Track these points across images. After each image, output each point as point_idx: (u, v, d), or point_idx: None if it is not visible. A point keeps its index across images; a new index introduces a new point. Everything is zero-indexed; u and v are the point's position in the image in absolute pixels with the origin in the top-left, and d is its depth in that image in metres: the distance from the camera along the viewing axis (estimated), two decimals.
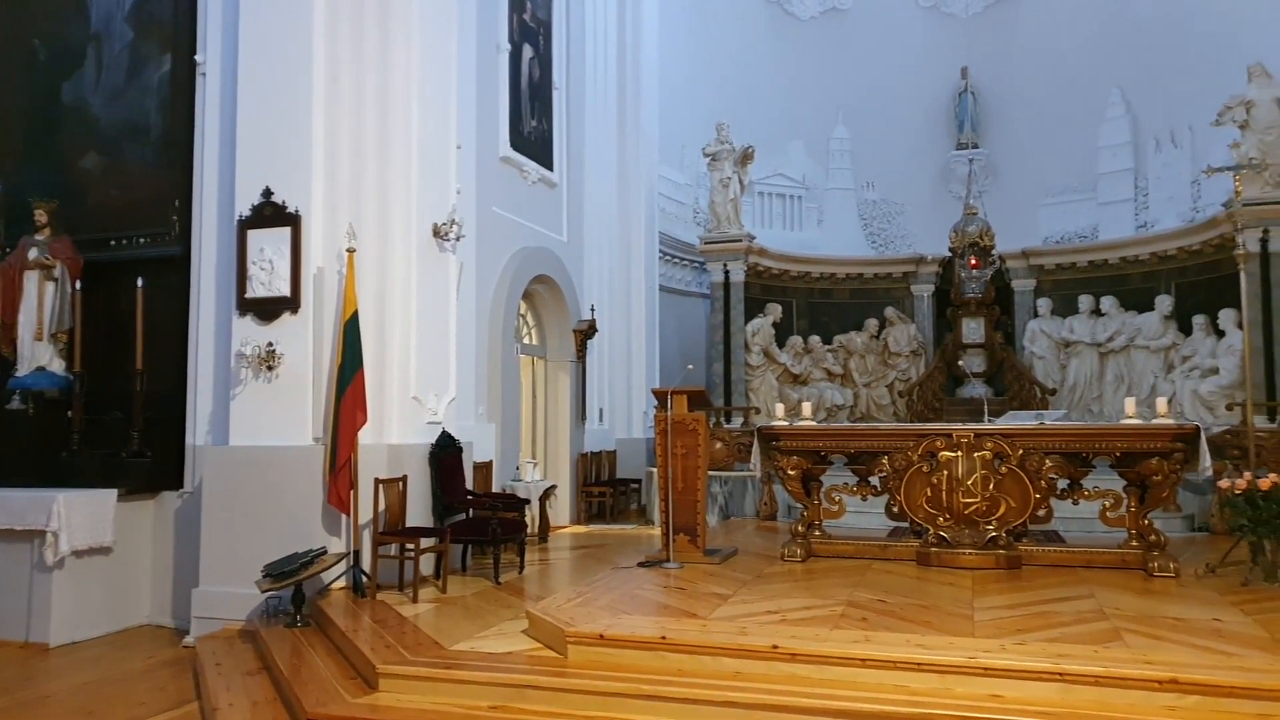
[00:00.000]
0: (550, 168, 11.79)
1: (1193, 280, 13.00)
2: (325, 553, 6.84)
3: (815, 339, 15.03)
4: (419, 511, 7.63)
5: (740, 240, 14.16)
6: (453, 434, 8.02)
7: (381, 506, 7.15)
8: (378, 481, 7.12)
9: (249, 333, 7.41)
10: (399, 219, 7.59)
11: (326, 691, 5.05)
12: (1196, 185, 13.83)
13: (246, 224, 7.50)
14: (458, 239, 8.01)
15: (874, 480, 7.76)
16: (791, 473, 7.84)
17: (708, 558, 7.45)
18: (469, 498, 8.12)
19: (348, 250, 7.28)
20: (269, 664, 5.90)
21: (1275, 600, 5.79)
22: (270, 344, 7.31)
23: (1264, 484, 6.36)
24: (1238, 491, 6.48)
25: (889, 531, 8.26)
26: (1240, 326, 11.20)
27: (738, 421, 13.26)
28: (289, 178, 7.44)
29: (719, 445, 11.77)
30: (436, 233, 7.85)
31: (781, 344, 14.73)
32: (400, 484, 7.34)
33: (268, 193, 7.46)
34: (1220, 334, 12.18)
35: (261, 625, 6.66)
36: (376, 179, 7.56)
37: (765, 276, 14.81)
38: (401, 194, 7.61)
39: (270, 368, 7.30)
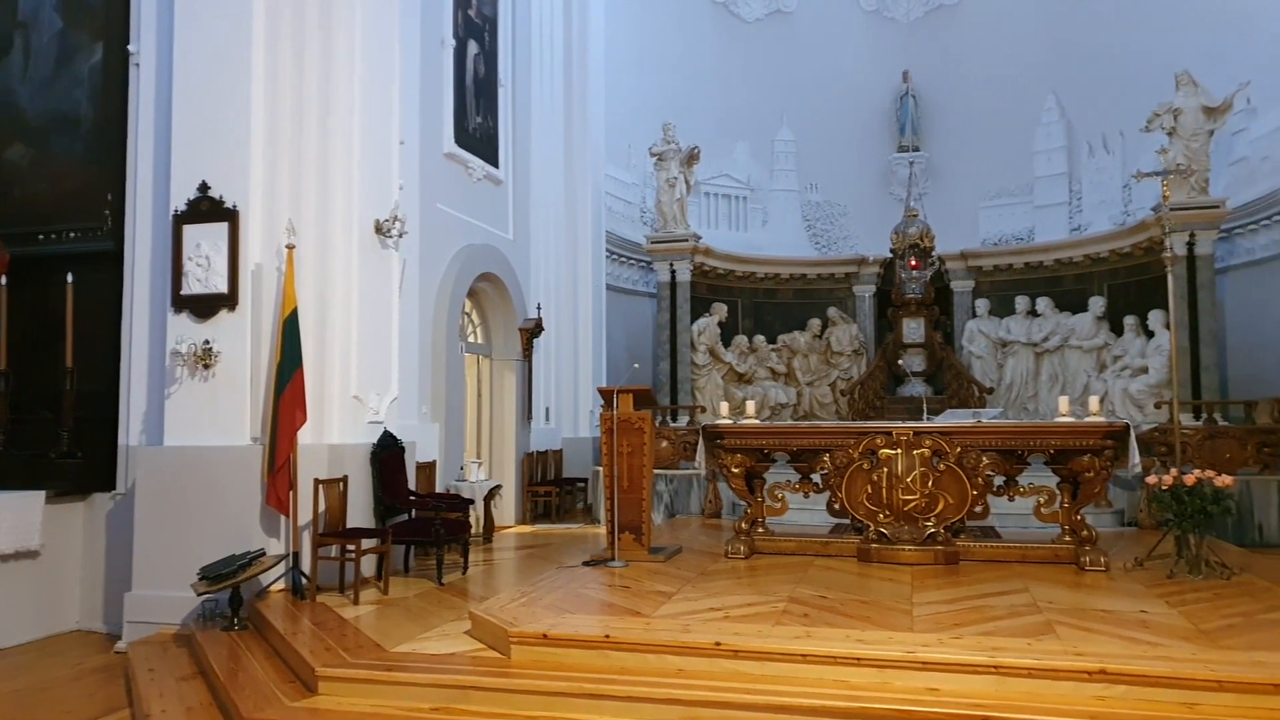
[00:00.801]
0: (496, 165, 11.71)
1: (1124, 282, 13.39)
2: (264, 554, 6.73)
3: (760, 338, 15.20)
4: (360, 512, 7.53)
5: (686, 240, 14.24)
6: (395, 434, 7.93)
7: (322, 507, 7.04)
8: (318, 482, 7.01)
9: (185, 330, 7.24)
10: (340, 215, 7.49)
11: (264, 695, 4.96)
12: (1127, 190, 14.26)
13: (182, 219, 7.34)
14: (400, 236, 7.93)
15: (816, 478, 7.85)
16: (735, 470, 7.90)
17: (652, 556, 7.48)
18: (411, 498, 8.04)
19: (287, 246, 7.15)
20: (204, 668, 5.78)
21: (1199, 592, 5.99)
22: (207, 342, 7.16)
23: (1189, 480, 6.58)
24: (1164, 487, 6.68)
25: (831, 528, 8.38)
26: (1168, 327, 11.57)
27: (684, 420, 13.32)
28: (226, 172, 7.29)
29: (665, 444, 11.81)
30: (379, 229, 7.76)
31: (727, 343, 14.85)
32: (341, 484, 7.24)
33: (204, 187, 7.30)
34: (1150, 334, 12.57)
35: (197, 629, 6.51)
36: (317, 174, 7.45)
37: (711, 276, 14.91)
38: (343, 190, 7.50)
39: (207, 366, 7.15)
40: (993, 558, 7.31)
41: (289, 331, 7.00)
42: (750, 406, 8.96)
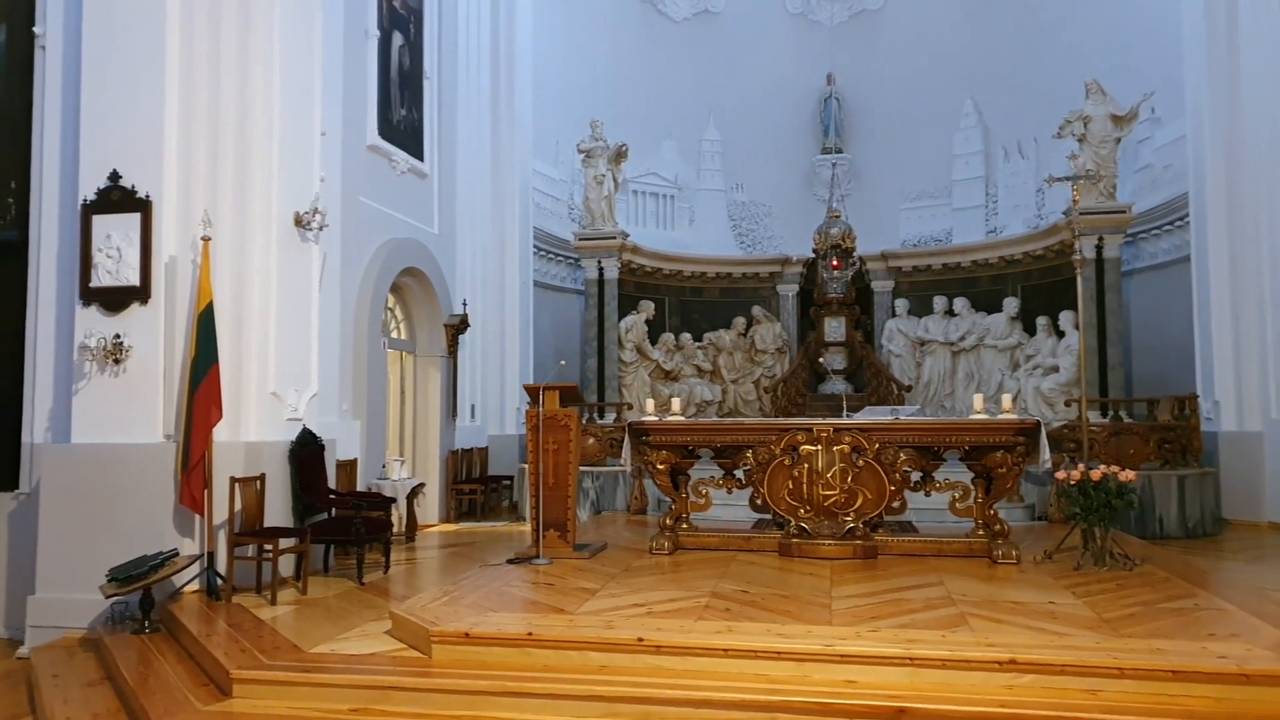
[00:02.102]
0: (421, 158, 11.55)
1: (1036, 283, 13.85)
2: (177, 555, 6.55)
3: (686, 336, 15.32)
4: (278, 511, 7.38)
5: (614, 238, 14.26)
6: (314, 431, 7.79)
7: (238, 506, 6.87)
8: (234, 480, 6.84)
9: (94, 324, 7.01)
10: (258, 207, 7.32)
11: (175, 700, 4.83)
12: (1041, 194, 14.73)
13: (91, 208, 7.10)
14: (321, 228, 7.78)
15: (739, 474, 7.95)
16: (660, 467, 7.95)
17: (577, 553, 7.48)
18: (331, 497, 7.91)
19: (202, 238, 6.97)
20: (112, 674, 5.59)
21: (1103, 583, 6.24)
22: (117, 336, 6.94)
23: (1095, 475, 6.84)
24: (1072, 482, 6.94)
25: (753, 524, 8.48)
26: (1078, 328, 12.00)
27: (610, 417, 13.34)
28: (139, 160, 7.08)
29: (591, 441, 11.82)
30: (298, 222, 7.60)
31: (654, 341, 14.93)
32: (258, 483, 7.08)
33: (115, 176, 7.07)
34: (1061, 334, 13.04)
35: (106, 633, 6.30)
36: (234, 164, 7.28)
37: (639, 274, 14.96)
38: (261, 181, 7.33)
39: (117, 361, 6.93)
40: (910, 552, 7.50)
41: (204, 326, 6.82)
42: (676, 403, 9.02)
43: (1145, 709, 4.08)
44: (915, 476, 7.58)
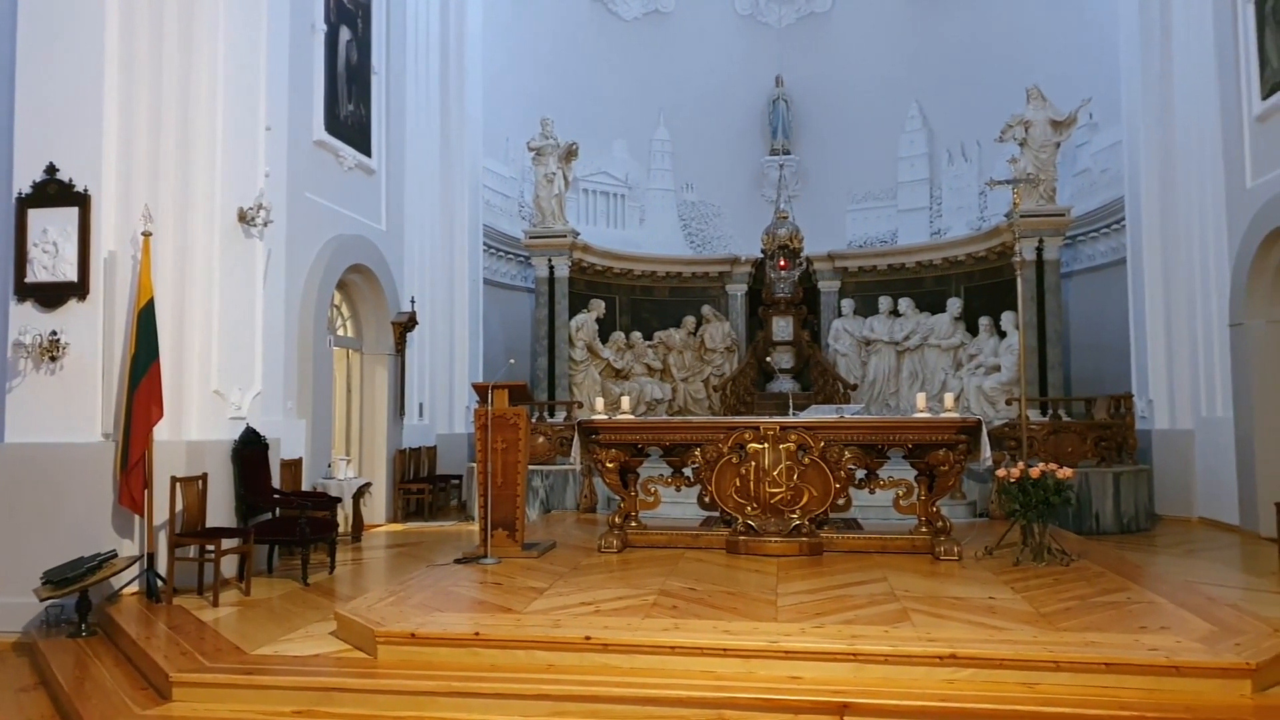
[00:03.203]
0: (368, 154, 11.42)
1: (979, 284, 14.14)
2: (115, 556, 6.42)
3: (637, 335, 15.37)
4: (221, 511, 7.26)
5: (565, 236, 14.24)
6: (258, 430, 7.68)
7: (179, 507, 6.75)
8: (175, 480, 6.72)
9: (29, 320, 6.84)
10: (201, 202, 7.20)
11: (113, 705, 4.73)
12: (983, 196, 15.04)
13: (27, 202, 6.92)
14: (265, 224, 7.67)
15: (687, 471, 8.01)
16: (610, 465, 7.97)
17: (526, 552, 7.47)
18: (276, 496, 7.80)
19: (143, 234, 6.83)
20: (47, 678, 5.46)
21: (1041, 578, 6.40)
22: (54, 333, 6.77)
23: (1034, 472, 7.01)
24: (1012, 479, 7.10)
25: (701, 521, 8.55)
26: (1018, 328, 12.27)
27: (561, 416, 13.32)
28: (77, 153, 6.92)
29: (541, 439, 11.80)
30: (242, 217, 7.49)
31: (605, 339, 14.95)
32: (200, 482, 6.96)
33: (52, 169, 6.90)
34: (1002, 334, 13.32)
35: (40, 637, 6.15)
36: (177, 158, 7.15)
37: (589, 273, 14.97)
38: (205, 175, 7.22)
39: (54, 358, 6.77)
40: (854, 548, 7.61)
41: (144, 323, 6.69)
42: (626, 402, 9.05)
43: (1080, 700, 4.20)
44: (860, 474, 7.69)
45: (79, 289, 6.84)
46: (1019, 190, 10.85)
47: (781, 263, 14.54)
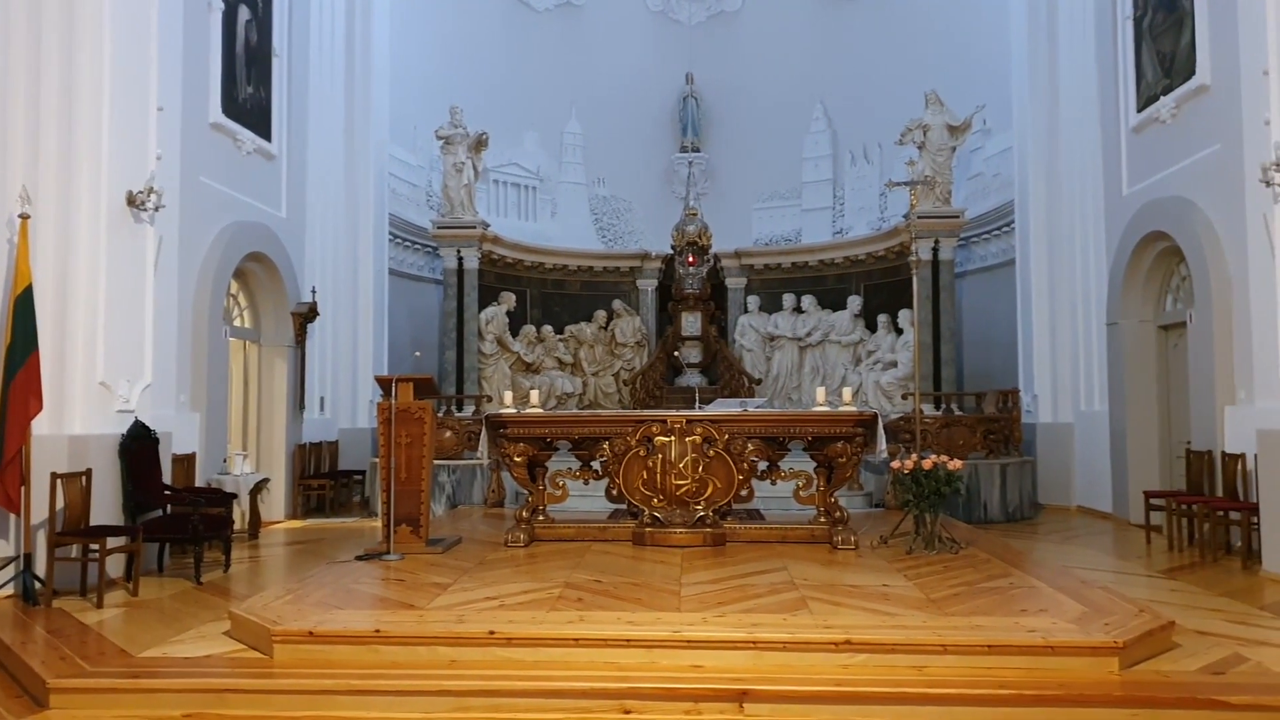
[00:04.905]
0: (268, 138, 11.08)
1: (878, 283, 14.56)
2: None
3: (548, 328, 15.31)
4: (108, 509, 6.97)
5: (474, 227, 14.06)
6: (148, 424, 7.39)
7: (60, 504, 6.44)
8: (55, 476, 6.41)
9: None
10: (86, 184, 6.89)
11: None
12: (883, 198, 15.45)
13: None
14: (156, 209, 7.38)
15: (596, 465, 8.03)
16: (518, 459, 7.93)
17: (430, 548, 7.38)
18: (167, 493, 7.53)
19: (20, 215, 6.50)
20: None
21: (932, 565, 6.64)
22: None
23: (927, 464, 7.27)
24: (906, 471, 7.35)
25: (609, 514, 8.59)
26: (914, 325, 12.68)
27: (469, 410, 13.19)
28: None
29: (449, 434, 11.66)
30: (132, 201, 7.19)
31: (515, 333, 14.85)
32: (83, 479, 6.66)
33: None
34: (899, 331, 13.75)
35: None
36: (59, 138, 6.84)
37: (500, 265, 14.83)
38: (90, 157, 6.91)
39: None
40: (756, 539, 7.76)
41: (21, 310, 6.37)
42: (535, 396, 9.02)
43: (966, 681, 4.39)
44: (762, 466, 7.83)
45: None
46: (916, 192, 11.21)
47: (690, 259, 14.71)
